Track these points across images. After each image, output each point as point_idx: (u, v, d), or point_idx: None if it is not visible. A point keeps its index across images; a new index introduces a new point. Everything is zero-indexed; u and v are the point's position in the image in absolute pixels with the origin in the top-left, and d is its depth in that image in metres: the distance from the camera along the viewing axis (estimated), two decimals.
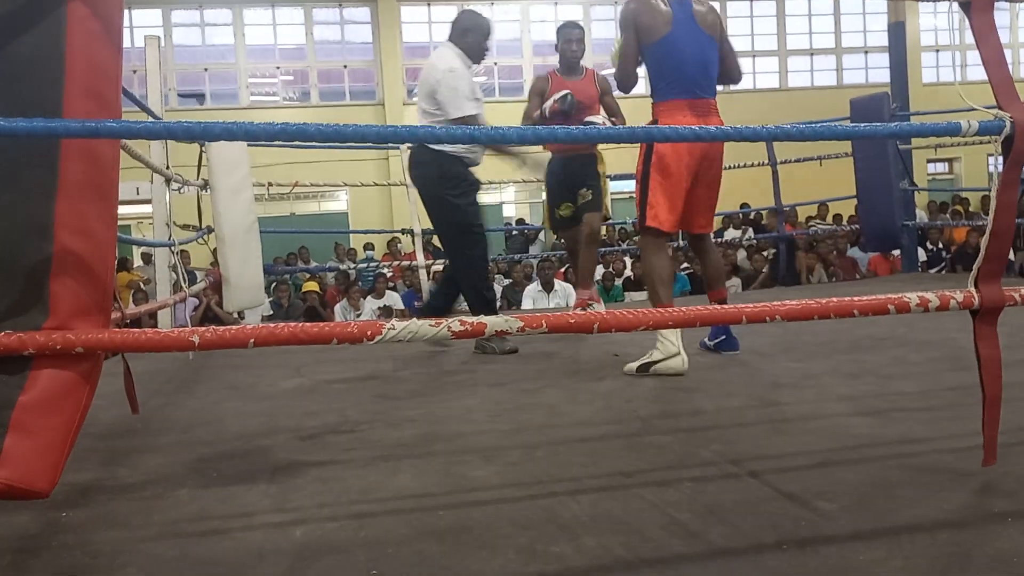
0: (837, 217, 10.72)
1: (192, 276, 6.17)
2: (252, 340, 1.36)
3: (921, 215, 10.13)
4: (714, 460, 1.93)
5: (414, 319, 1.47)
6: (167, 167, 4.22)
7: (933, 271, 8.54)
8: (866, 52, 15.74)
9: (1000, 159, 1.58)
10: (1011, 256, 10.97)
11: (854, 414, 2.29)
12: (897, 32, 10.34)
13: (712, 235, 3.41)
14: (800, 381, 2.76)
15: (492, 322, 1.49)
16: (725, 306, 1.57)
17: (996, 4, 1.60)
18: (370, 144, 10.30)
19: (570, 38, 4.23)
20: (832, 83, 15.57)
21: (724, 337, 3.35)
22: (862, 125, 1.57)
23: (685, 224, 3.22)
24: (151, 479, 1.96)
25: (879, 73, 14.28)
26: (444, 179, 3.78)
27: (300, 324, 1.41)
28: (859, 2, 15.84)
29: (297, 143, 6.15)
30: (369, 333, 1.42)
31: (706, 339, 3.41)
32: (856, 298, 1.61)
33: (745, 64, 4.45)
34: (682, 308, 1.66)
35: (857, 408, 2.35)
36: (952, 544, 1.40)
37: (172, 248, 4.33)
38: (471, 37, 3.87)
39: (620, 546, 1.44)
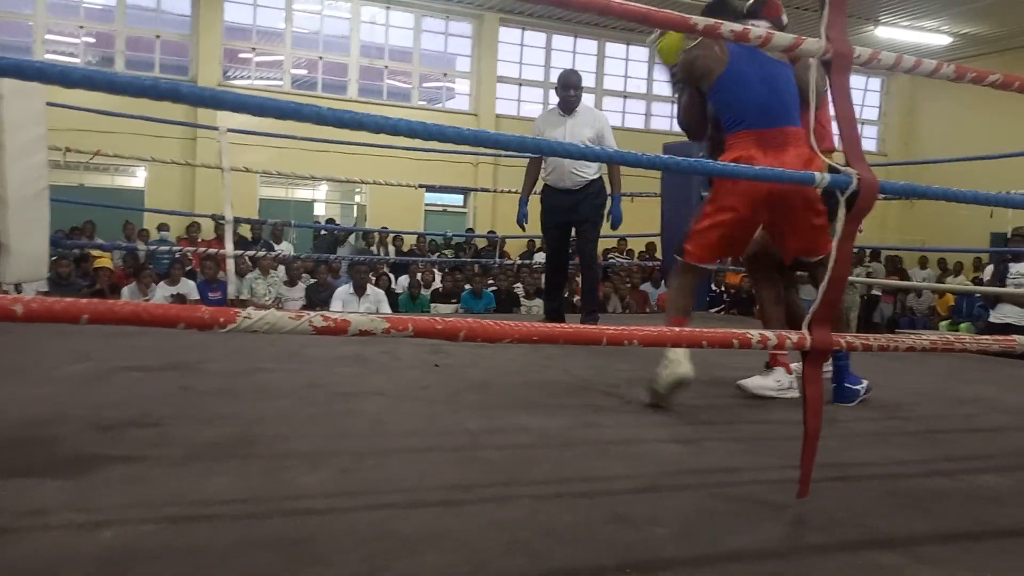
0: (630, 252, 11.33)
1: None
2: (85, 316, 1.20)
3: None
4: (546, 479, 1.93)
5: (272, 309, 1.36)
6: None
7: (713, 311, 9.15)
8: (673, 102, 16.49)
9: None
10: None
11: (670, 441, 2.38)
12: None
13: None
14: (620, 407, 2.83)
15: (356, 321, 1.40)
16: (604, 327, 1.58)
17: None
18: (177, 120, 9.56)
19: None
20: (641, 127, 16.21)
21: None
22: (711, 162, 1.63)
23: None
24: None
25: None
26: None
27: (142, 303, 1.25)
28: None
29: (102, 110, 5.66)
30: (221, 320, 1.29)
31: None
32: (706, 330, 1.67)
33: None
34: (542, 324, 1.65)
35: (673, 436, 2.44)
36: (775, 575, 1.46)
37: None
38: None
39: (464, 563, 1.40)
